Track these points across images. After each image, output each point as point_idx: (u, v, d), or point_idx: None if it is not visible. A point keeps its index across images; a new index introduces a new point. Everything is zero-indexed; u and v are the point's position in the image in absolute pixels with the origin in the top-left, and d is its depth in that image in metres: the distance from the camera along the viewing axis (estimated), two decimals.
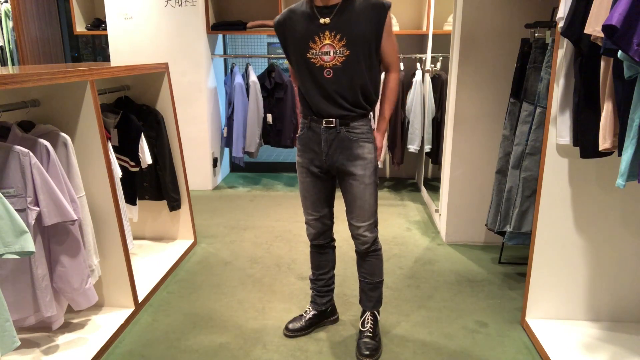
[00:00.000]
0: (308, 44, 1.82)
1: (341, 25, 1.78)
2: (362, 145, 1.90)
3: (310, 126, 1.94)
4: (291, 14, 1.87)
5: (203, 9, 4.24)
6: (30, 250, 1.58)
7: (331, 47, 1.80)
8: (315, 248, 2.17)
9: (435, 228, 3.54)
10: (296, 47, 1.85)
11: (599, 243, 2.14)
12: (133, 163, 2.70)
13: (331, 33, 1.79)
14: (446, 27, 4.16)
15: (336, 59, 1.80)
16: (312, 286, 2.25)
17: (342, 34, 1.78)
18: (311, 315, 2.22)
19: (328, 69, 1.82)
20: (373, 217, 1.98)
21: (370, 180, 1.93)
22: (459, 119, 3.06)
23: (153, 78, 2.89)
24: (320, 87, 1.85)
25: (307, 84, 1.88)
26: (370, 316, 2.12)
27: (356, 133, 1.89)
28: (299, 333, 2.18)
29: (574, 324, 2.21)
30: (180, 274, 2.81)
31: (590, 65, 1.73)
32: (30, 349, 2.02)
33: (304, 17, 1.83)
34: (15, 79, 1.64)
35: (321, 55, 1.81)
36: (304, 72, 1.87)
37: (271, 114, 4.54)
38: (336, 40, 1.79)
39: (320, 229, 2.10)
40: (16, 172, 1.76)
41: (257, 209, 3.99)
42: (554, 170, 2.09)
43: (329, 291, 2.25)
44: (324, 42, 1.80)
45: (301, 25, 1.83)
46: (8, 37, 4.64)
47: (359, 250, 2.05)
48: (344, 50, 1.79)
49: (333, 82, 1.83)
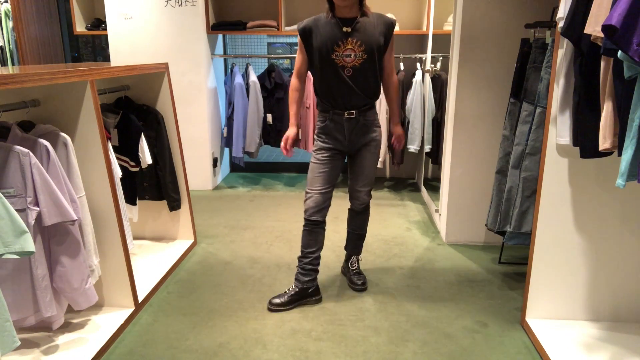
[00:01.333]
0: (333, 47, 2.22)
1: (361, 33, 2.22)
2: (374, 129, 2.40)
3: (332, 118, 2.33)
4: (317, 21, 2.26)
5: (203, 9, 4.24)
6: (30, 250, 1.58)
7: (352, 51, 2.22)
8: (310, 225, 2.38)
9: (435, 228, 3.54)
10: (322, 49, 2.23)
11: (599, 243, 2.14)
12: (133, 163, 2.70)
13: (353, 39, 2.21)
14: (446, 27, 4.16)
15: (355, 60, 2.23)
16: (298, 263, 2.46)
17: (361, 41, 2.21)
18: (293, 293, 2.42)
19: (348, 68, 2.24)
20: (372, 183, 2.50)
21: (376, 156, 2.45)
22: (459, 119, 3.06)
23: (153, 78, 2.89)
24: (342, 82, 2.26)
25: (330, 81, 2.27)
26: (356, 259, 2.69)
27: (370, 120, 2.37)
28: (279, 308, 2.39)
29: (574, 324, 2.21)
30: (180, 274, 2.81)
31: (590, 65, 1.73)
32: (30, 349, 2.02)
33: (329, 25, 2.23)
34: (15, 79, 1.64)
35: (344, 57, 2.22)
36: (328, 70, 2.26)
37: (271, 114, 4.54)
38: (357, 45, 2.22)
39: (319, 202, 2.35)
40: (16, 172, 1.76)
41: (257, 209, 3.99)
42: (554, 170, 2.09)
43: (312, 271, 2.44)
44: (346, 46, 2.21)
45: (327, 31, 2.22)
46: (8, 37, 4.64)
47: (356, 209, 2.53)
48: (362, 54, 2.22)
49: (352, 78, 2.25)
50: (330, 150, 2.36)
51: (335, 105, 2.31)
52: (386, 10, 4.50)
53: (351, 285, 2.61)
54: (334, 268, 2.86)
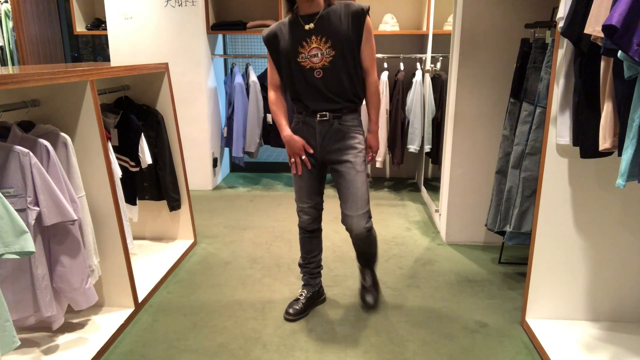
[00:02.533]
0: (297, 49, 1.99)
1: (325, 28, 1.95)
2: (354, 136, 2.08)
3: (305, 120, 2.10)
4: (281, 26, 2.04)
5: (203, 9, 4.24)
6: (30, 250, 1.58)
7: (318, 50, 1.97)
8: (308, 234, 2.31)
9: (435, 228, 3.54)
10: (287, 54, 2.02)
11: (599, 243, 2.14)
12: (133, 163, 2.70)
13: (317, 37, 1.96)
14: (446, 27, 4.16)
15: (324, 59, 1.98)
16: (303, 270, 2.40)
17: (327, 36, 1.96)
18: (308, 297, 2.37)
19: (318, 69, 1.99)
20: (365, 206, 2.08)
21: (361, 169, 2.07)
22: (459, 119, 3.06)
23: (153, 78, 2.89)
24: (312, 86, 2.02)
25: (299, 86, 2.05)
26: (369, 270, 2.40)
27: (348, 125, 2.07)
28: (300, 316, 2.31)
29: (574, 324, 2.21)
30: (180, 274, 2.81)
31: (590, 65, 1.73)
32: (30, 349, 2.02)
33: (291, 26, 2.01)
34: (15, 79, 1.64)
35: (310, 57, 1.98)
36: (296, 75, 2.04)
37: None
38: (322, 42, 1.96)
39: (314, 215, 2.26)
40: (16, 172, 1.76)
41: (257, 209, 3.99)
42: (554, 170, 2.09)
43: (319, 273, 2.42)
44: (311, 45, 1.97)
45: (290, 34, 2.00)
46: (8, 37, 4.64)
47: (353, 237, 2.16)
48: (330, 51, 1.97)
49: (323, 80, 2.00)
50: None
51: (306, 108, 2.07)
52: (386, 11, 4.50)
53: (361, 304, 2.40)
54: (334, 268, 2.86)
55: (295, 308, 2.32)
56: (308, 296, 2.38)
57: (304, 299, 2.36)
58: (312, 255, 2.37)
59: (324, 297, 2.48)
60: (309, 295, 2.38)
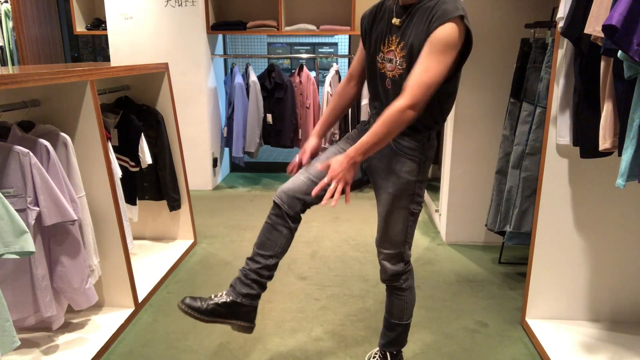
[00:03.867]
0: (379, 45, 1.57)
1: (406, 30, 1.49)
2: (403, 162, 1.60)
3: (369, 122, 1.68)
4: (380, 5, 1.61)
5: (203, 9, 4.24)
6: (30, 250, 1.58)
7: (394, 55, 1.54)
8: (273, 217, 1.74)
9: (435, 228, 3.53)
10: (370, 46, 1.62)
11: (599, 243, 2.14)
12: (133, 163, 2.70)
13: (396, 38, 1.52)
14: None
15: (396, 69, 1.53)
16: (242, 267, 1.74)
17: (405, 42, 1.50)
18: (220, 302, 1.66)
19: (389, 79, 1.57)
20: (398, 247, 1.69)
21: (402, 205, 1.64)
22: (459, 119, 3.06)
23: (153, 78, 2.89)
24: (382, 94, 1.62)
25: (372, 87, 1.67)
26: (379, 353, 1.88)
27: (402, 146, 1.60)
28: (191, 312, 1.61)
29: (574, 324, 2.21)
30: (180, 274, 2.81)
31: (590, 65, 1.73)
32: (30, 349, 2.02)
33: (386, 13, 1.57)
34: (15, 79, 1.64)
35: (385, 61, 1.57)
36: (372, 74, 1.65)
37: (271, 114, 4.54)
38: (399, 48, 1.52)
39: (299, 189, 1.67)
40: (16, 172, 1.76)
41: (257, 209, 3.99)
42: (554, 170, 2.09)
43: (255, 283, 1.69)
44: (390, 47, 1.54)
45: (381, 22, 1.58)
46: (8, 37, 4.64)
47: (382, 281, 1.81)
48: (402, 62, 1.51)
49: (392, 95, 1.54)
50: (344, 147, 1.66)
51: (375, 111, 1.66)
52: None
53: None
54: (334, 269, 2.86)
55: (195, 303, 1.63)
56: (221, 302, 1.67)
57: (214, 301, 1.66)
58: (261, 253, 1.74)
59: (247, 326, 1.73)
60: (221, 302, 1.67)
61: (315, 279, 2.72)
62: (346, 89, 1.78)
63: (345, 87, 1.78)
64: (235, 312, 1.68)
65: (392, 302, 1.81)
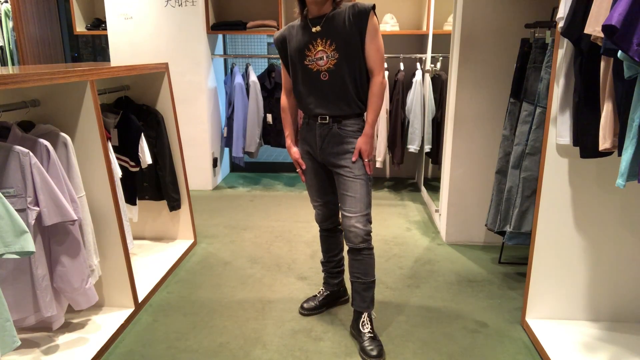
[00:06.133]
0: (304, 52, 2.00)
1: (330, 31, 1.95)
2: (352, 141, 2.04)
3: (308, 122, 2.12)
4: (290, 28, 2.06)
5: (203, 9, 4.24)
6: (30, 250, 1.58)
7: (324, 53, 1.97)
8: (324, 232, 2.34)
9: (435, 228, 3.54)
10: (295, 56, 2.03)
11: (599, 243, 2.14)
12: (133, 163, 2.70)
13: (322, 39, 1.96)
14: (446, 27, 4.16)
15: (329, 62, 1.97)
16: (323, 269, 2.42)
17: (331, 39, 1.95)
18: (325, 296, 2.41)
19: (324, 72, 1.99)
20: (365, 209, 2.04)
21: (360, 173, 2.04)
22: (459, 119, 3.06)
23: (153, 78, 2.89)
24: (317, 89, 2.03)
25: (305, 87, 2.06)
26: (367, 317, 2.13)
27: (347, 130, 2.04)
28: (312, 312, 2.37)
29: (574, 324, 2.21)
30: (180, 274, 2.81)
31: (590, 65, 1.74)
32: (30, 349, 2.02)
33: (300, 28, 2.02)
34: (15, 79, 1.64)
35: (316, 60, 1.99)
36: (303, 77, 2.05)
37: (271, 114, 4.54)
38: (327, 45, 1.96)
39: (326, 213, 2.27)
40: (16, 172, 1.76)
41: (257, 209, 3.99)
42: (554, 170, 2.09)
43: (340, 272, 2.41)
44: (317, 48, 1.98)
45: (298, 36, 2.02)
46: (8, 37, 4.64)
47: (351, 245, 2.06)
48: (334, 54, 1.96)
49: (329, 83, 2.00)
50: (310, 157, 2.16)
51: (309, 110, 2.08)
52: (386, 11, 4.50)
53: (363, 355, 2.03)
54: None
55: (310, 304, 2.38)
56: (324, 296, 2.40)
57: (320, 298, 2.40)
58: (330, 255, 2.37)
59: (346, 298, 2.46)
60: (326, 295, 2.41)
61: (315, 279, 2.72)
62: (290, 102, 2.22)
63: (288, 100, 2.21)
64: (336, 296, 2.45)
65: (364, 262, 2.10)
